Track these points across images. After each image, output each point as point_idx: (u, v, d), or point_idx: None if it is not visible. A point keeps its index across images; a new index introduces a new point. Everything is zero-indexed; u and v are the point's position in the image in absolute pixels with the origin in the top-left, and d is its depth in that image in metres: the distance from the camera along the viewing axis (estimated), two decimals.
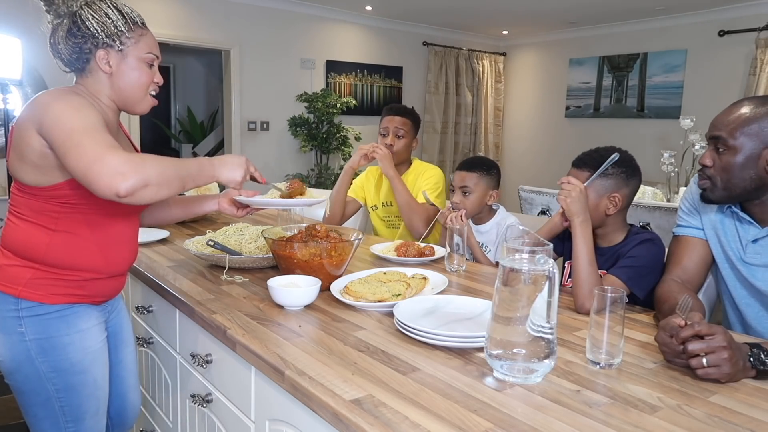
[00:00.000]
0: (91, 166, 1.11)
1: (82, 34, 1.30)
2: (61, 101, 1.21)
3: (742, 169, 1.30)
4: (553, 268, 0.97)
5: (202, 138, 7.70)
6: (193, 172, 1.29)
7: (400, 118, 2.49)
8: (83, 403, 1.37)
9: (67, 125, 1.16)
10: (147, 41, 1.37)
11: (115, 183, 1.10)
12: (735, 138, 1.29)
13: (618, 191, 1.57)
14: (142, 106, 1.40)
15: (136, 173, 1.12)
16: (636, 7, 5.59)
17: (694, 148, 4.18)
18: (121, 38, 1.32)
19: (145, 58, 1.36)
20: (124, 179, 1.10)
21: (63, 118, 1.17)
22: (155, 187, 1.16)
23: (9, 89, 3.57)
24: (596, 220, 1.56)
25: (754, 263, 1.39)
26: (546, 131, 7.32)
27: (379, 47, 6.58)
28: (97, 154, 1.12)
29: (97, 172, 1.11)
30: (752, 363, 1.04)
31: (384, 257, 1.92)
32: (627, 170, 1.59)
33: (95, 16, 1.30)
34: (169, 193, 1.22)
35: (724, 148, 1.32)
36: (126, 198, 1.12)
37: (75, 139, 1.14)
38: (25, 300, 1.29)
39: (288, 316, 1.34)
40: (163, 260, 1.86)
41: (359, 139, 6.03)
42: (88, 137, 1.14)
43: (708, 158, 1.36)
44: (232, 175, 1.37)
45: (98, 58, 1.32)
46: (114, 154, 1.12)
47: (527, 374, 1.00)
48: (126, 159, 1.12)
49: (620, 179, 1.57)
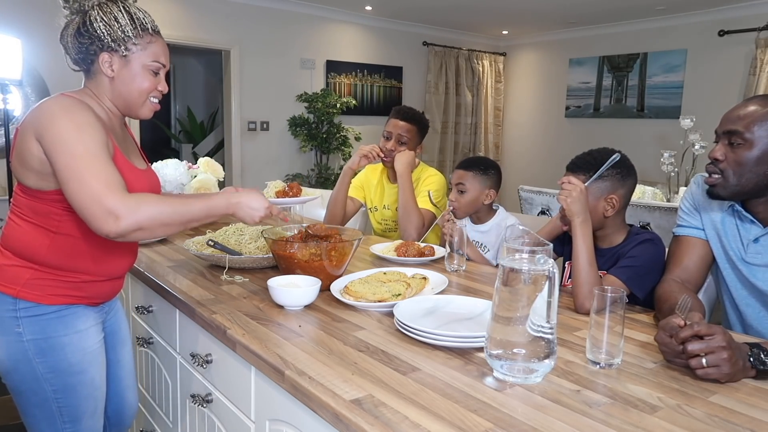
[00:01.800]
0: (87, 204, 1.15)
1: (89, 35, 1.30)
2: (65, 118, 1.20)
3: (757, 164, 1.30)
4: (553, 268, 0.97)
5: (202, 138, 7.70)
6: (198, 215, 1.28)
7: (405, 124, 2.40)
8: (81, 403, 1.36)
9: (68, 150, 1.17)
10: (155, 49, 1.36)
11: (108, 225, 1.14)
12: (752, 132, 1.29)
13: (615, 192, 1.57)
14: (142, 112, 1.39)
15: (131, 218, 1.15)
16: (636, 7, 5.59)
17: (694, 148, 4.18)
18: (126, 44, 1.31)
19: (150, 66, 1.35)
20: (117, 223, 1.14)
21: (65, 140, 1.18)
22: (149, 231, 1.20)
23: (9, 89, 3.57)
24: (595, 222, 1.56)
25: (755, 263, 1.39)
26: (546, 131, 7.32)
27: (379, 47, 6.58)
28: (95, 193, 1.15)
29: (92, 212, 1.15)
30: (752, 363, 1.04)
31: (384, 257, 1.92)
32: (622, 171, 1.58)
33: (104, 18, 1.29)
34: (166, 233, 1.27)
35: (739, 142, 1.31)
36: (118, 239, 1.17)
37: (75, 170, 1.16)
38: (24, 300, 1.29)
39: (288, 316, 1.34)
40: (163, 260, 1.86)
41: (359, 139, 6.04)
42: (89, 170, 1.16)
43: (719, 152, 1.34)
44: (249, 215, 1.36)
45: (101, 60, 1.31)
46: (112, 196, 1.15)
47: (527, 374, 1.00)
48: (123, 201, 1.15)
49: (616, 180, 1.57)
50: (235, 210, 1.35)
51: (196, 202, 1.29)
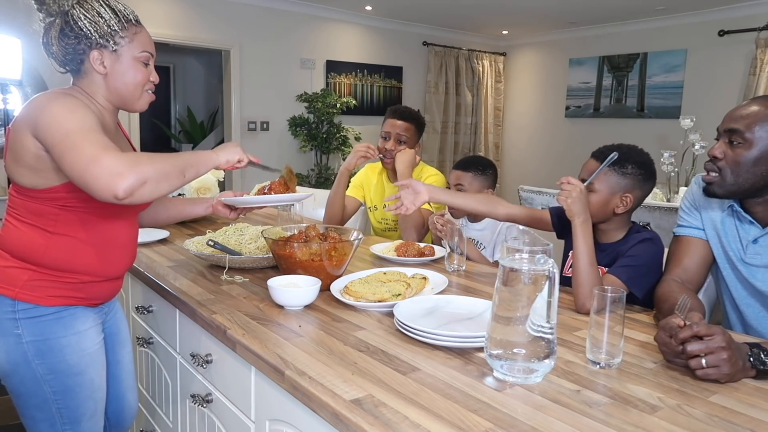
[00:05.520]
0: (87, 168, 1.10)
1: (75, 35, 1.27)
2: (56, 103, 1.19)
3: (755, 164, 1.30)
4: (553, 267, 0.97)
5: (202, 138, 7.71)
6: (190, 161, 1.27)
7: (403, 123, 2.40)
8: (80, 405, 1.36)
9: (62, 127, 1.15)
10: (141, 39, 1.34)
11: (113, 184, 1.09)
12: (753, 132, 1.29)
13: (631, 192, 1.55)
14: (139, 104, 1.39)
15: (133, 172, 1.10)
16: (636, 7, 5.59)
17: (694, 148, 4.18)
18: (114, 38, 1.30)
19: (140, 57, 1.34)
20: (122, 179, 1.09)
21: (58, 120, 1.16)
22: (153, 183, 1.14)
23: (9, 89, 3.57)
24: (602, 215, 1.56)
25: (754, 264, 1.39)
26: (546, 131, 7.31)
27: (379, 47, 6.58)
28: (92, 156, 1.10)
29: (93, 175, 1.09)
30: (752, 363, 1.04)
31: (384, 257, 1.92)
32: (645, 173, 1.56)
33: (87, 15, 1.27)
34: (170, 187, 1.21)
35: (739, 141, 1.31)
36: (126, 199, 1.10)
37: (70, 141, 1.13)
38: (22, 302, 1.28)
39: (288, 316, 1.34)
40: (163, 260, 1.86)
41: (359, 139, 6.03)
42: (84, 139, 1.13)
43: (718, 150, 1.35)
44: (229, 157, 1.37)
45: (92, 59, 1.30)
46: (109, 155, 1.11)
47: (527, 374, 1.00)
48: (122, 159, 1.11)
49: (636, 180, 1.55)
50: (217, 149, 1.36)
51: (184, 153, 1.29)
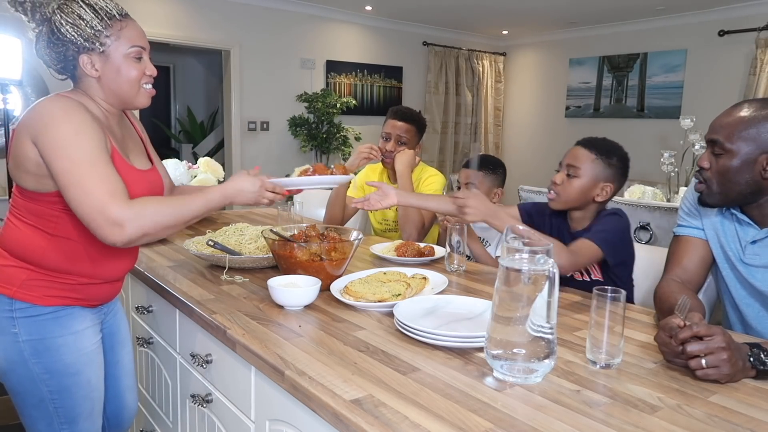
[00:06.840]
0: (91, 214, 1.16)
1: (61, 42, 1.26)
2: (62, 121, 1.19)
3: (738, 173, 1.29)
4: (553, 268, 0.97)
5: (202, 138, 7.70)
6: (198, 212, 1.31)
7: (404, 124, 2.39)
8: (77, 404, 1.36)
9: (66, 155, 1.17)
10: (128, 34, 1.30)
11: (113, 234, 1.16)
12: (732, 142, 1.28)
13: (612, 183, 1.64)
14: (139, 101, 1.36)
15: (135, 226, 1.17)
16: (636, 7, 5.59)
17: (694, 148, 4.17)
18: (100, 39, 1.27)
19: (130, 53, 1.30)
20: (122, 232, 1.16)
21: (62, 146, 1.17)
22: (152, 235, 1.23)
23: (9, 89, 3.57)
24: (581, 201, 1.64)
25: (753, 264, 1.39)
26: (546, 131, 7.31)
27: (379, 47, 6.58)
28: (97, 204, 1.15)
29: (96, 222, 1.16)
30: (752, 363, 1.04)
31: (384, 257, 1.92)
32: (624, 168, 1.66)
33: (68, 20, 1.25)
34: (168, 234, 1.30)
35: (720, 152, 1.31)
36: (123, 246, 1.20)
37: (76, 176, 1.16)
38: (20, 301, 1.29)
39: (288, 316, 1.34)
40: (163, 260, 1.86)
41: (359, 139, 6.04)
42: (90, 175, 1.17)
43: (705, 161, 1.35)
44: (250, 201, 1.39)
45: (83, 63, 1.28)
46: (114, 205, 1.16)
47: (527, 374, 1.00)
48: (125, 210, 1.16)
49: (617, 173, 1.65)
50: (233, 200, 1.37)
51: (194, 200, 1.30)
